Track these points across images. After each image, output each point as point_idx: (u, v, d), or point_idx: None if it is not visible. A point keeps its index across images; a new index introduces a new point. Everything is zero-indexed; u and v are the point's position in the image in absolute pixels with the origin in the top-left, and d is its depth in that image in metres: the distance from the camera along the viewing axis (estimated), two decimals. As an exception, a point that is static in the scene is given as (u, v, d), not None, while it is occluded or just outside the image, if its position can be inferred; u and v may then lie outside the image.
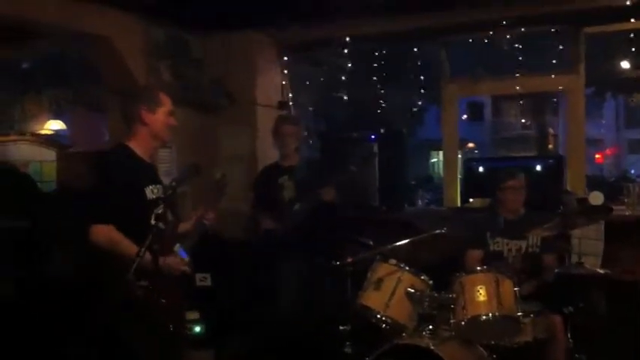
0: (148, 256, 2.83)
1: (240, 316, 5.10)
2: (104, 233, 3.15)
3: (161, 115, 3.39)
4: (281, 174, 5.08)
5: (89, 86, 7.65)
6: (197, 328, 4.56)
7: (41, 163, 6.85)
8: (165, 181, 3.52)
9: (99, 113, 7.71)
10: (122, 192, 3.20)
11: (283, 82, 6.52)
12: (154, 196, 3.32)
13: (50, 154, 6.90)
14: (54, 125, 8.33)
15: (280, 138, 5.11)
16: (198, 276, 4.95)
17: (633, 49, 5.89)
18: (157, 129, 3.38)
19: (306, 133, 6.43)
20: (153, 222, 3.12)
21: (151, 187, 3.34)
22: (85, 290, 3.79)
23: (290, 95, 6.58)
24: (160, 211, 3.20)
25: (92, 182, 3.33)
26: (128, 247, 3.08)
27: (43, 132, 8.17)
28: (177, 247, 3.35)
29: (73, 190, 5.43)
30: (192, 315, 4.59)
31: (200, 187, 5.23)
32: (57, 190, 6.35)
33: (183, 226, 3.54)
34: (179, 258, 3.32)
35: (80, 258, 3.78)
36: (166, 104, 3.43)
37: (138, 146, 3.37)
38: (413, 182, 9.89)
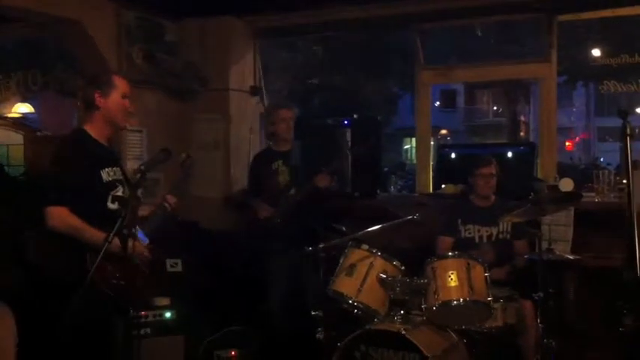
0: (116, 241, 2.82)
1: (216, 304, 5.07)
2: (59, 215, 3.21)
3: (115, 99, 3.42)
4: (275, 159, 5.04)
5: (59, 69, 7.53)
6: (167, 314, 4.52)
7: (8, 146, 6.74)
8: (135, 165, 3.50)
9: (68, 97, 7.59)
10: (77, 174, 3.25)
11: (256, 68, 6.46)
12: (111, 179, 3.37)
13: (18, 138, 6.79)
14: (22, 108, 8.17)
15: (276, 123, 5.05)
16: (169, 262, 4.90)
17: (605, 37, 5.94)
18: (111, 113, 3.43)
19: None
20: (110, 204, 3.25)
21: (107, 169, 3.38)
22: (52, 274, 3.73)
23: (262, 81, 6.52)
24: (117, 193, 3.30)
25: (48, 165, 3.37)
26: (85, 229, 3.17)
27: (10, 115, 8.01)
28: (136, 231, 3.33)
29: (40, 174, 5.35)
30: (163, 301, 4.56)
31: (169, 171, 5.21)
32: (24, 173, 6.25)
33: (143, 210, 3.54)
34: (140, 242, 3.33)
35: (47, 242, 3.72)
36: (120, 88, 3.46)
37: (94, 130, 3.42)
38: (386, 169, 9.91)
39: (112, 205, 3.35)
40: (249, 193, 5.23)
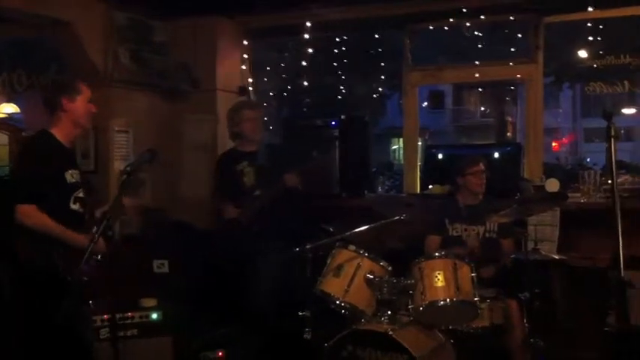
0: (101, 241, 2.85)
1: (201, 304, 5.06)
2: (29, 213, 3.34)
3: (81, 103, 3.61)
4: (240, 160, 5.03)
5: (45, 69, 7.49)
6: (154, 315, 4.51)
7: (-7, 147, 6.68)
8: (121, 166, 3.57)
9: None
10: (45, 174, 3.41)
11: (244, 68, 6.45)
12: (74, 180, 3.54)
13: (3, 138, 6.73)
14: (7, 108, 8.08)
15: (241, 123, 5.05)
16: (156, 262, 4.89)
17: (591, 39, 5.97)
18: (77, 116, 3.61)
19: (266, 119, 6.39)
20: (72, 205, 3.44)
21: (70, 171, 3.54)
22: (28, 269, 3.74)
23: (250, 81, 6.51)
24: (79, 195, 3.49)
25: (16, 164, 3.50)
26: (61, 228, 3.34)
27: (-4, 116, 7.95)
28: (93, 230, 3.41)
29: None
30: (150, 302, 4.54)
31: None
32: (9, 174, 6.20)
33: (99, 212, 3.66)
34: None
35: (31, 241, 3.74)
36: (85, 92, 3.65)
37: (59, 132, 3.58)
38: (374, 169, 9.91)
39: (74, 206, 3.51)
40: (216, 193, 5.22)
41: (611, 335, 4.14)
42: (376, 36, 7.28)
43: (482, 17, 5.80)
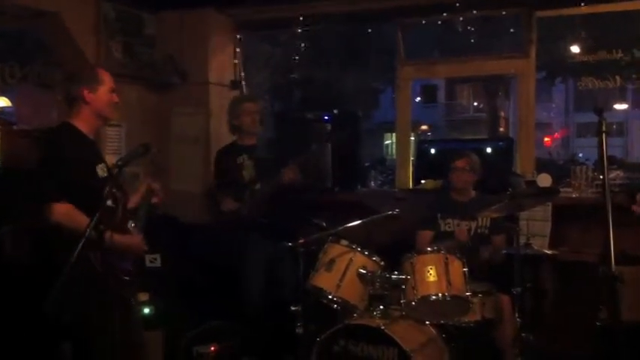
0: (92, 234, 2.81)
1: (193, 299, 5.06)
2: (64, 211, 3.16)
3: (103, 94, 3.42)
4: (239, 153, 5.02)
5: (37, 62, 7.44)
6: (146, 310, 4.50)
7: (-16, 141, 6.64)
8: (114, 160, 3.48)
9: (47, 90, 7.50)
10: (75, 170, 3.22)
11: (236, 61, 6.43)
12: (105, 174, 3.35)
13: (-7, 132, 6.69)
14: (-1, 102, 8.05)
15: (241, 116, 5.04)
16: (148, 257, 4.87)
17: (583, 34, 5.98)
18: (99, 107, 3.41)
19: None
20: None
21: (100, 165, 3.36)
22: (35, 270, 3.70)
23: (243, 74, 6.49)
24: (112, 189, 3.25)
25: (42, 160, 3.32)
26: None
27: (-13, 109, 7.90)
28: (131, 225, 3.36)
29: (19, 169, 5.29)
30: (142, 296, 4.53)
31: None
32: (0, 168, 6.17)
33: (130, 202, 3.53)
34: (137, 235, 3.36)
35: (28, 236, 3.68)
36: (107, 82, 3.46)
37: (82, 125, 3.38)
38: (367, 164, 9.92)
39: (108, 201, 3.27)
40: (216, 187, 5.22)
41: (602, 330, 4.16)
42: (369, 30, 7.26)
43: (475, 11, 5.80)
